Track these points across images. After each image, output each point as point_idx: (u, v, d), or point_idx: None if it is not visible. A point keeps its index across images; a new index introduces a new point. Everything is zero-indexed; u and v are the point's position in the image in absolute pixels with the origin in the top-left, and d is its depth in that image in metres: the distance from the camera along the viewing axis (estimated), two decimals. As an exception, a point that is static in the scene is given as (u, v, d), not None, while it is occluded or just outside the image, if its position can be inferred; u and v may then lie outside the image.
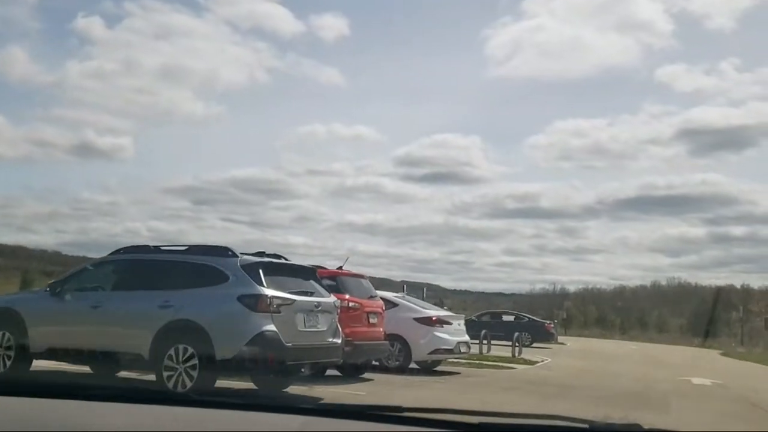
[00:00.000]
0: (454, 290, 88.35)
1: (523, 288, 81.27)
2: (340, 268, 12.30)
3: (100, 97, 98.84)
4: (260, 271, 8.62)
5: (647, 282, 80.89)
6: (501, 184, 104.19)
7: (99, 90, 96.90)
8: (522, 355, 21.54)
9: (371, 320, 11.98)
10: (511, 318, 31.30)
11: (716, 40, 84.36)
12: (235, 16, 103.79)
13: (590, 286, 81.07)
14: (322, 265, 12.15)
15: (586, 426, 1.58)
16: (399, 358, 13.75)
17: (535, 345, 29.23)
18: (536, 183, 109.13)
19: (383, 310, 12.56)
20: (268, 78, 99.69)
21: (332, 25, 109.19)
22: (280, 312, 8.43)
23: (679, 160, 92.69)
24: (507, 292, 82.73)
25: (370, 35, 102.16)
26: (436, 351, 13.85)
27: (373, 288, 12.79)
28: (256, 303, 8.31)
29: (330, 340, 9.39)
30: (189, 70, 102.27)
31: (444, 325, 14.11)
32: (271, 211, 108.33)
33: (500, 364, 17.76)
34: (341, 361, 9.84)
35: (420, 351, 13.74)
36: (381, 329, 12.32)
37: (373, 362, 12.91)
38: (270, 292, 8.45)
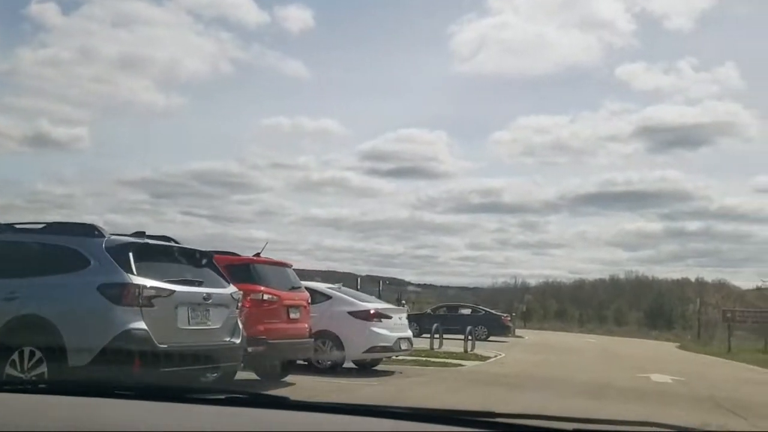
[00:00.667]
0: (419, 284, 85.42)
1: (485, 282, 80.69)
2: (258, 254, 10.49)
3: (55, 86, 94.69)
4: (131, 254, 6.82)
5: (606, 276, 79.99)
6: (466, 179, 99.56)
7: (54, 79, 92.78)
8: (476, 350, 20.02)
9: (292, 315, 10.22)
10: (468, 311, 29.77)
11: (675, 39, 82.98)
12: (198, 5, 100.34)
13: (550, 280, 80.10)
14: (235, 252, 10.36)
15: None
16: (331, 357, 12.03)
17: (492, 338, 27.80)
18: (500, 178, 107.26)
19: (308, 304, 10.81)
20: (231, 69, 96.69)
21: (297, 16, 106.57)
22: (152, 305, 6.65)
23: (637, 156, 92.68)
24: (470, 286, 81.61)
25: (335, 28, 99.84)
26: (372, 349, 12.16)
27: (297, 278, 11.01)
28: (120, 294, 6.52)
29: (226, 339, 7.62)
30: (149, 60, 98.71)
31: (382, 320, 12.40)
32: (233, 205, 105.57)
33: (449, 360, 16.15)
34: (241, 365, 8.06)
35: (354, 349, 12.04)
36: (305, 325, 10.57)
37: (302, 362, 11.22)
38: (140, 280, 6.65)
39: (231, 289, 7.98)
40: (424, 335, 21.95)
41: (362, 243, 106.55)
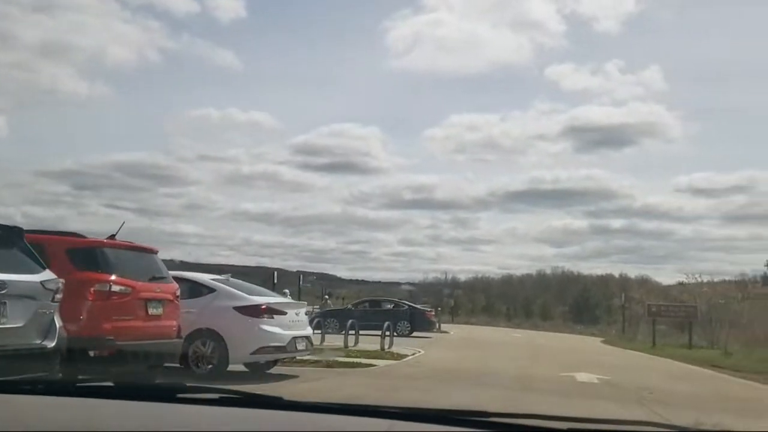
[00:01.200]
0: (350, 280, 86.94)
1: (417, 277, 79.67)
2: (113, 236, 8.50)
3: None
4: None
5: (533, 271, 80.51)
6: (399, 175, 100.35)
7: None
8: (394, 348, 18.43)
9: (152, 310, 8.30)
10: (390, 306, 28.18)
11: (603, 41, 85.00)
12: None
13: (480, 275, 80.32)
14: (80, 233, 8.34)
15: None
16: (212, 360, 10.15)
17: (415, 334, 26.32)
18: (432, 175, 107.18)
19: (176, 297, 8.90)
20: (159, 58, 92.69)
21: (228, 6, 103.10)
22: None
23: (565, 155, 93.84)
24: (402, 282, 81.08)
25: (267, 19, 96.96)
26: (261, 350, 10.31)
27: (162, 267, 9.06)
28: None
29: (33, 342, 5.66)
30: (72, 47, 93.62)
31: (275, 316, 10.58)
32: (160, 198, 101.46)
33: (360, 361, 14.45)
34: (59, 374, 6.11)
35: (239, 350, 10.18)
36: (171, 323, 8.68)
37: (176, 365, 9.33)
38: None
39: (43, 275, 6.03)
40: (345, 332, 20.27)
41: (294, 238, 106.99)
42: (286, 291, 27.07)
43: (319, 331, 19.90)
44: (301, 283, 31.27)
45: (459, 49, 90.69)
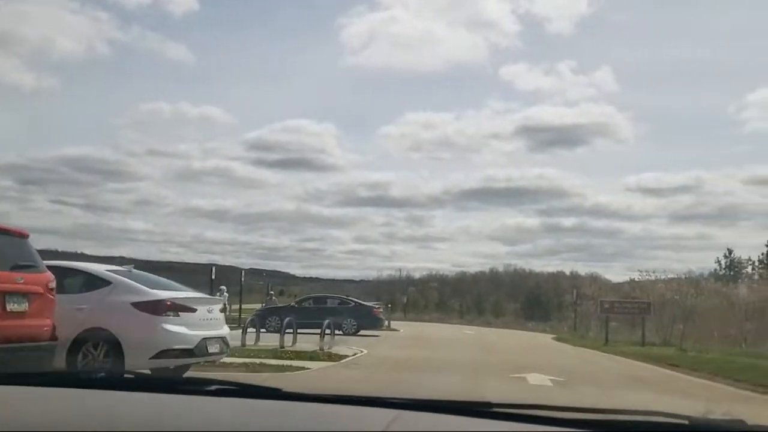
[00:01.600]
0: (304, 277, 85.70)
1: (371, 275, 78.68)
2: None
3: None
4: None
5: (486, 268, 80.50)
6: (354, 173, 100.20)
7: None
8: (335, 347, 16.98)
9: (12, 306, 6.65)
10: (336, 303, 26.64)
11: (556, 42, 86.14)
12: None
13: (434, 272, 79.41)
14: None
15: (685, 422, 1.43)
16: (105, 365, 8.50)
17: (363, 332, 24.87)
18: (388, 172, 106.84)
19: (49, 291, 7.24)
20: (109, 50, 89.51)
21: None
22: None
23: (518, 154, 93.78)
24: (356, 279, 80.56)
25: (221, 13, 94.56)
26: (163, 353, 8.68)
27: (31, 253, 7.38)
28: None
29: None
30: (17, 37, 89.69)
31: (182, 314, 8.97)
32: (108, 194, 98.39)
33: (292, 363, 12.95)
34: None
35: (137, 354, 8.54)
36: (42, 321, 7.04)
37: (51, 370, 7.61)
38: None
39: None
40: (288, 331, 18.73)
41: (246, 235, 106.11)
42: (223, 287, 25.44)
43: (256, 330, 18.40)
44: (242, 279, 29.46)
45: (414, 47, 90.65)
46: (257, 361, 12.79)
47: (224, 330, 9.92)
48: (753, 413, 1.70)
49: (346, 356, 15.35)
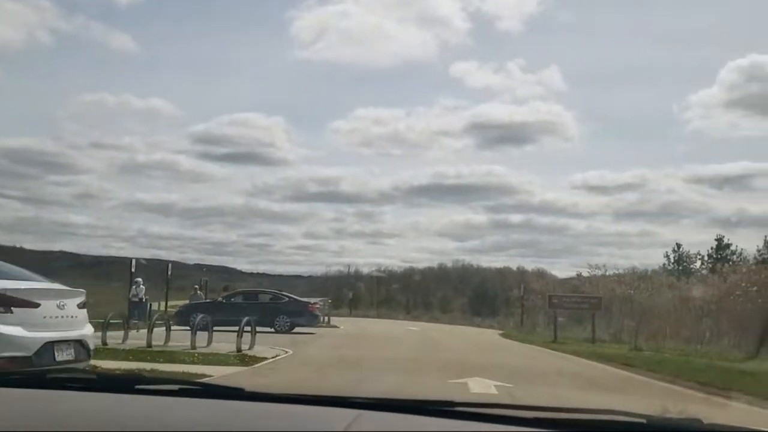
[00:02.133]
0: (252, 273, 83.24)
1: (320, 270, 76.82)
2: None
3: None
4: None
5: (435, 264, 78.70)
6: (303, 167, 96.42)
7: None
8: (258, 347, 14.91)
9: None
10: (268, 298, 24.36)
11: (505, 41, 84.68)
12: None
13: (383, 268, 77.35)
14: None
15: (643, 421, 1.46)
16: None
17: (298, 330, 22.72)
18: (338, 167, 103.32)
19: None
20: (51, 40, 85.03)
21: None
22: None
23: (467, 151, 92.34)
24: (305, 275, 78.60)
25: (168, 3, 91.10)
26: (-14, 362, 6.43)
27: None
28: None
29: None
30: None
31: (16, 309, 6.73)
32: (49, 187, 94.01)
33: (194, 369, 10.79)
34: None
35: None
36: None
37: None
38: None
39: None
40: (217, 328, 16.58)
41: (192, 230, 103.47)
42: (139, 280, 22.98)
43: (166, 329, 16.15)
44: (169, 273, 26.95)
45: (365, 43, 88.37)
46: (148, 366, 10.57)
47: (84, 330, 7.67)
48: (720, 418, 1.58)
49: (265, 359, 13.23)
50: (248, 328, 15.19)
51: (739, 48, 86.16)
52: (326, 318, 30.43)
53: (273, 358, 13.56)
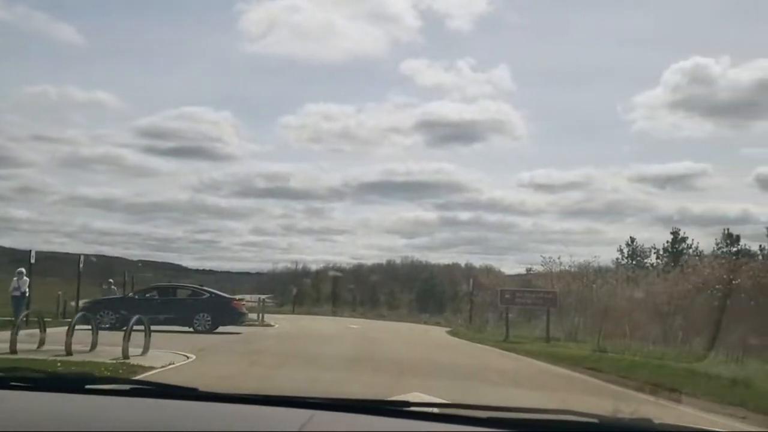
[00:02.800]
0: (197, 270, 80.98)
1: (268, 267, 74.18)
2: None
3: None
4: None
5: (384, 261, 77.20)
6: (252, 163, 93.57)
7: None
8: (151, 352, 11.97)
9: None
10: (187, 294, 21.21)
11: (455, 39, 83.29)
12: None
13: (331, 264, 74.51)
14: None
15: (595, 420, 1.46)
16: None
17: (222, 329, 19.72)
18: (287, 163, 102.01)
19: None
20: (-10, 30, 79.57)
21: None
22: None
23: (417, 149, 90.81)
24: (252, 272, 76.77)
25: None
26: None
27: None
28: None
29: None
30: None
31: None
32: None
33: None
34: None
35: None
36: None
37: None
38: None
39: None
40: (137, 327, 13.47)
41: (137, 226, 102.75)
42: (22, 270, 19.76)
43: (40, 329, 13.07)
44: (80, 266, 23.53)
45: (315, 38, 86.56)
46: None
47: None
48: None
49: (152, 369, 10.28)
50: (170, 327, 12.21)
51: (683, 50, 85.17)
52: (260, 316, 27.44)
53: (162, 368, 10.59)
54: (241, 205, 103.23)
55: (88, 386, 1.65)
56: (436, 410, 1.52)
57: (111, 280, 22.95)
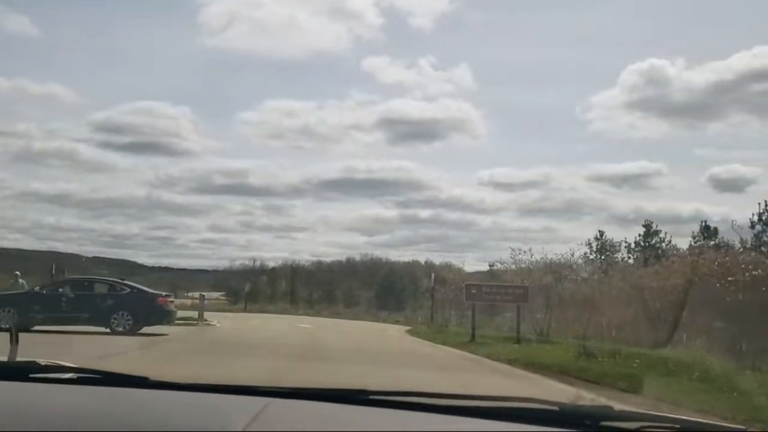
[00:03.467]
0: (153, 267, 77.94)
1: (224, 264, 71.26)
2: None
3: None
4: None
5: (343, 258, 75.26)
6: (210, 159, 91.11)
7: None
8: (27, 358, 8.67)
9: None
10: (104, 289, 17.88)
11: (417, 37, 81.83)
12: None
13: (290, 262, 71.80)
14: None
15: (556, 408, 1.43)
16: None
17: (147, 330, 16.56)
18: (246, 160, 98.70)
19: None
20: (-65, 19, 74.78)
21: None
22: None
23: (378, 146, 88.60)
24: (209, 269, 73.88)
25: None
26: None
27: None
28: None
29: None
30: None
31: None
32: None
33: None
34: None
35: None
36: None
37: None
38: None
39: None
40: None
41: (92, 222, 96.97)
42: (17, 273, 16.85)
43: None
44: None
45: (276, 33, 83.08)
46: None
47: None
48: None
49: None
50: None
51: (640, 52, 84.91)
52: (200, 314, 24.24)
53: None
54: (199, 202, 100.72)
55: (32, 375, 1.53)
56: (395, 398, 1.42)
57: (17, 273, 19.52)
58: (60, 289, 17.54)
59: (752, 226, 25.11)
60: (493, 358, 13.64)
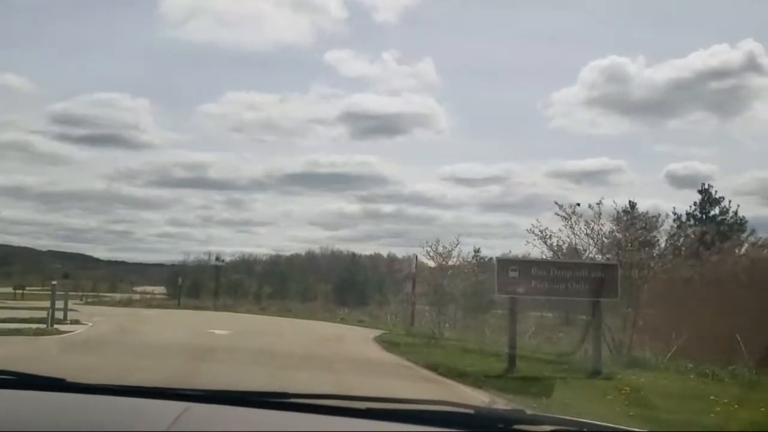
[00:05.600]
0: (109, 261, 75.09)
1: (180, 258, 63.22)
2: None
3: None
4: None
5: (302, 252, 67.47)
6: (170, 152, 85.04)
7: None
8: None
9: None
10: None
11: (381, 31, 78.12)
12: None
13: (246, 256, 65.32)
14: None
15: (471, 411, 1.39)
16: None
17: None
18: (207, 153, 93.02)
19: None
20: None
21: (-24, -48, 77.02)
22: None
23: (341, 140, 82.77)
24: (167, 263, 67.04)
25: (27, -29, 74.65)
26: None
27: None
28: None
29: None
30: None
31: None
32: None
33: None
34: None
35: None
36: None
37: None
38: None
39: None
40: None
41: (48, 215, 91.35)
42: None
43: None
44: None
45: (238, 25, 78.05)
46: None
47: None
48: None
49: None
50: None
51: (601, 49, 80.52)
52: (50, 313, 14.69)
53: None
54: (158, 195, 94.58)
55: None
56: (315, 401, 1.37)
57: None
58: None
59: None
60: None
